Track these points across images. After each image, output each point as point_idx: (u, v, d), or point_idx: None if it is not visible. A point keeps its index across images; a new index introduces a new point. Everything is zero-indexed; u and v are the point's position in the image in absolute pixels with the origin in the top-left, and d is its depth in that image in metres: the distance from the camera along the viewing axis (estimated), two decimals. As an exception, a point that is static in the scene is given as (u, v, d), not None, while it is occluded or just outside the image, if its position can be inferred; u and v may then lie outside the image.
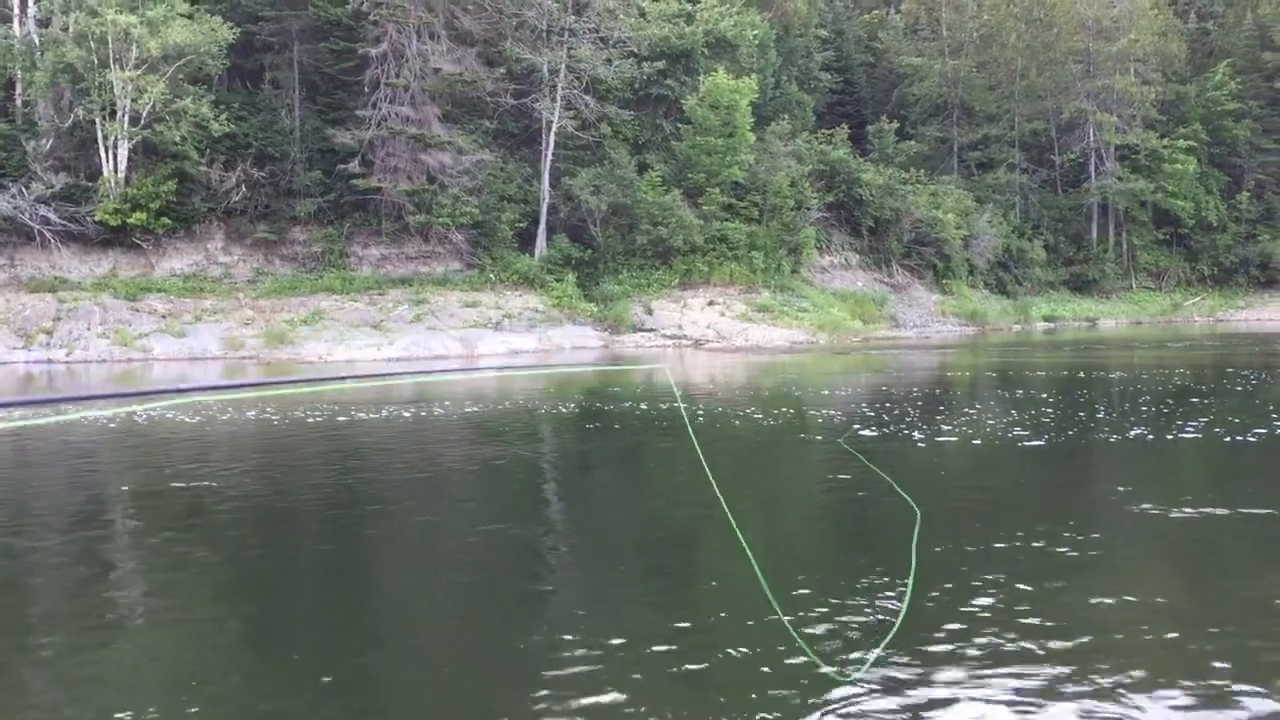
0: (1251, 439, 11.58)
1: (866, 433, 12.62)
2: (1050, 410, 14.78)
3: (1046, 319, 53.57)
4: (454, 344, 33.62)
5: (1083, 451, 11.38)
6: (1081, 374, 22.69)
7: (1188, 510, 8.02)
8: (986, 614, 5.53)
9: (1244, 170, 65.15)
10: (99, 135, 35.22)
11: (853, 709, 4.40)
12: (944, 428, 13.08)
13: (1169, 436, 11.98)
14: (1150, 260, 63.70)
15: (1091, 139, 61.23)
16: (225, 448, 13.20)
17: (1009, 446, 11.54)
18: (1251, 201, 64.48)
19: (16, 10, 37.75)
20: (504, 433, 14.34)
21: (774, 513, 8.89)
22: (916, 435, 12.39)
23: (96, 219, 35.00)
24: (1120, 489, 9.09)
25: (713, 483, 6.92)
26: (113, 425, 14.96)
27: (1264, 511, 8.04)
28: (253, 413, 15.91)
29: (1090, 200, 61.65)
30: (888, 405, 16.09)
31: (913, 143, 57.58)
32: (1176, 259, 64.31)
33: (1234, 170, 65.23)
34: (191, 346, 32.51)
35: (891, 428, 13.08)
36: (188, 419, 15.51)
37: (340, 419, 15.19)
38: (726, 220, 42.81)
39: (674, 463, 11.36)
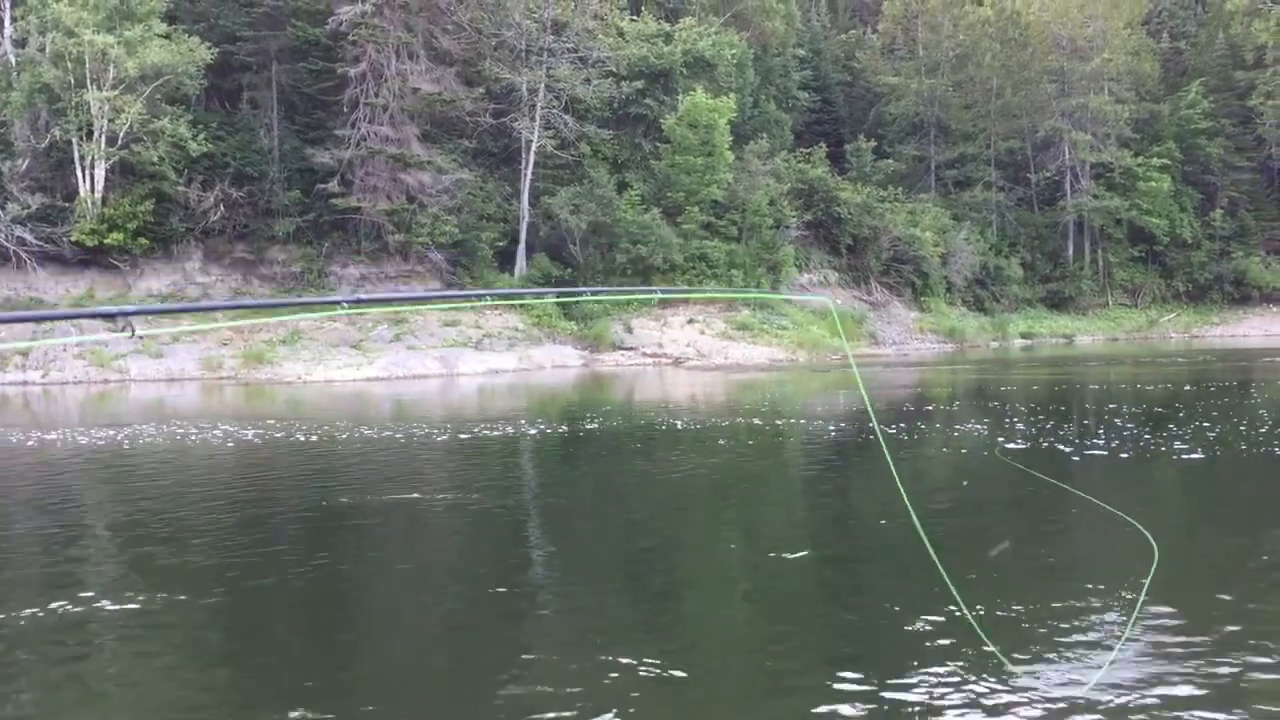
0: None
1: (1013, 445, 12.76)
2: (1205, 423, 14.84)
3: (1024, 336, 53.91)
4: (433, 363, 33.54)
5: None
6: (1176, 387, 22.83)
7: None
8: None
9: (1217, 187, 65.85)
10: (76, 155, 35.05)
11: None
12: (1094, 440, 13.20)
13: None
14: (1126, 277, 64.22)
15: (1066, 157, 61.78)
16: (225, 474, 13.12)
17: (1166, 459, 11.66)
18: (1225, 219, 65.15)
19: (-8, 30, 37.60)
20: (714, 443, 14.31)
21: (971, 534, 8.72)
22: (1063, 447, 12.50)
23: (73, 239, 34.80)
24: None
25: (911, 512, 6.52)
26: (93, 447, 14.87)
27: None
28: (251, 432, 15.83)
29: (1066, 218, 62.16)
30: (1007, 419, 16.23)
31: (890, 161, 57.96)
32: (1152, 276, 64.85)
33: (1207, 188, 65.91)
34: (169, 367, 32.31)
35: (1039, 441, 13.21)
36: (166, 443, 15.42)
37: (462, 436, 15.11)
38: (706, 239, 42.96)
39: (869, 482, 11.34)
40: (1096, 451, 12.39)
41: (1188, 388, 22.56)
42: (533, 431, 16.42)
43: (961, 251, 54.44)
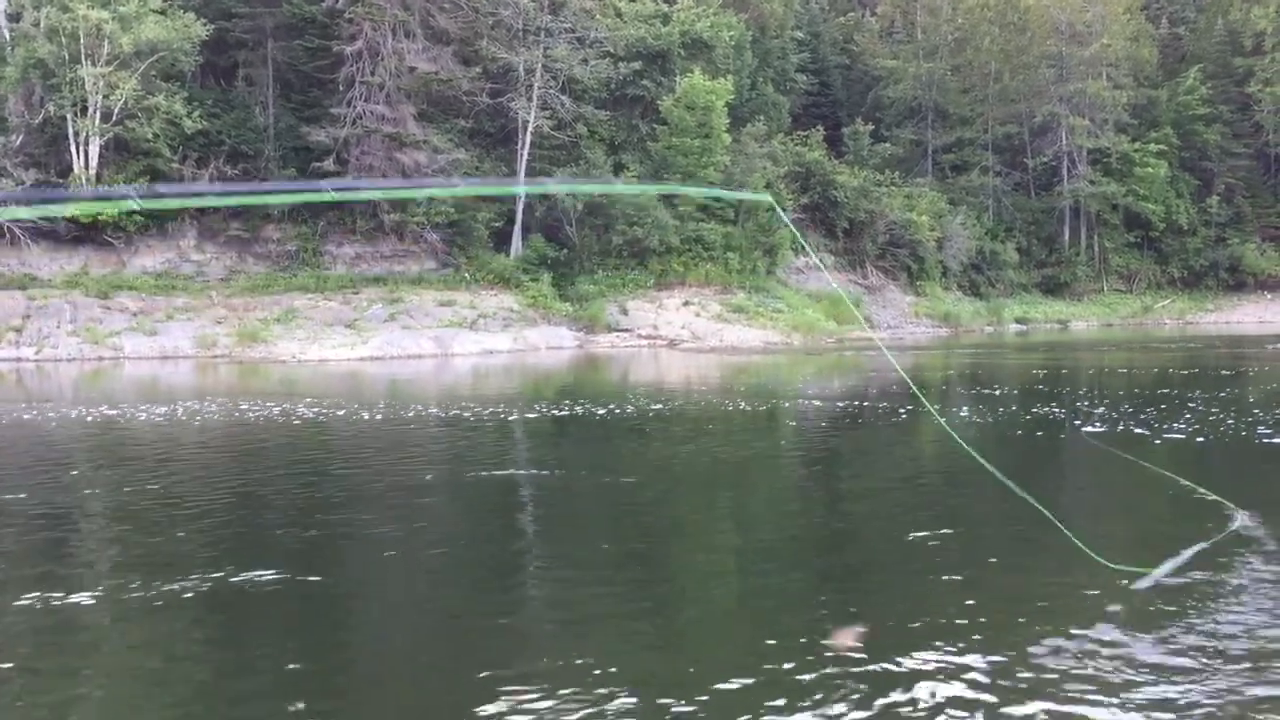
0: None
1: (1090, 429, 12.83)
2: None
3: (1018, 321, 54.00)
4: (428, 343, 33.54)
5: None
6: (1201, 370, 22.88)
7: None
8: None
9: (1214, 174, 65.87)
10: (70, 131, 34.91)
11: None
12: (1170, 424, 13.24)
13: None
14: (1121, 263, 64.30)
15: (1064, 142, 61.75)
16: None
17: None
18: (1221, 205, 65.20)
19: (-14, 5, 37.38)
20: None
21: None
22: (1141, 431, 12.58)
23: (67, 216, 34.67)
24: None
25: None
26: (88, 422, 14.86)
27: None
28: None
29: (1062, 203, 62.18)
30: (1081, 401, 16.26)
31: (887, 145, 57.91)
32: (1147, 262, 64.94)
33: (1204, 174, 65.94)
34: (163, 345, 32.27)
35: (1118, 424, 13.27)
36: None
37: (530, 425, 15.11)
38: (702, 221, 42.91)
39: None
40: (1143, 430, 12.47)
41: (1226, 372, 22.63)
42: (530, 414, 16.44)
43: (957, 236, 54.46)
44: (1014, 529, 7.60)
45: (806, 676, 4.79)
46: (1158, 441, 11.76)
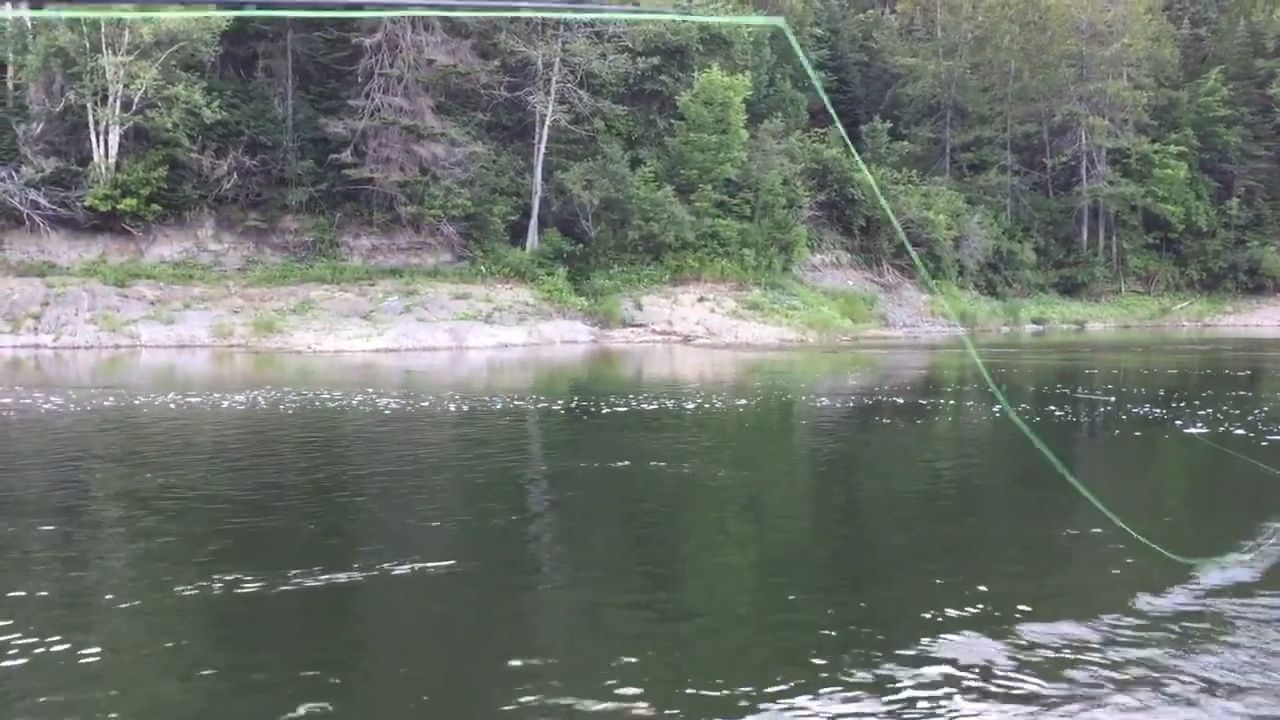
0: None
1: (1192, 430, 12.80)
2: None
3: (1035, 321, 53.71)
4: (443, 336, 33.58)
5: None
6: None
7: None
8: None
9: (1234, 176, 65.34)
10: (90, 120, 35.06)
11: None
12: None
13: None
14: (1139, 264, 63.85)
15: (1083, 142, 61.33)
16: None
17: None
18: (1241, 207, 64.68)
19: (9, -7, 37.52)
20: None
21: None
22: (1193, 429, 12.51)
23: (86, 204, 34.85)
24: None
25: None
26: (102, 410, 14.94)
27: None
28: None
29: (1081, 203, 61.76)
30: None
31: (905, 143, 57.63)
32: (1166, 263, 64.47)
33: (1224, 176, 65.42)
34: (180, 334, 32.40)
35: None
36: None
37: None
38: (718, 217, 42.81)
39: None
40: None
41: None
42: (558, 406, 16.45)
43: (974, 235, 54.18)
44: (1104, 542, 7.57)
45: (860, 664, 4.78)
46: (1264, 444, 11.70)
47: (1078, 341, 40.69)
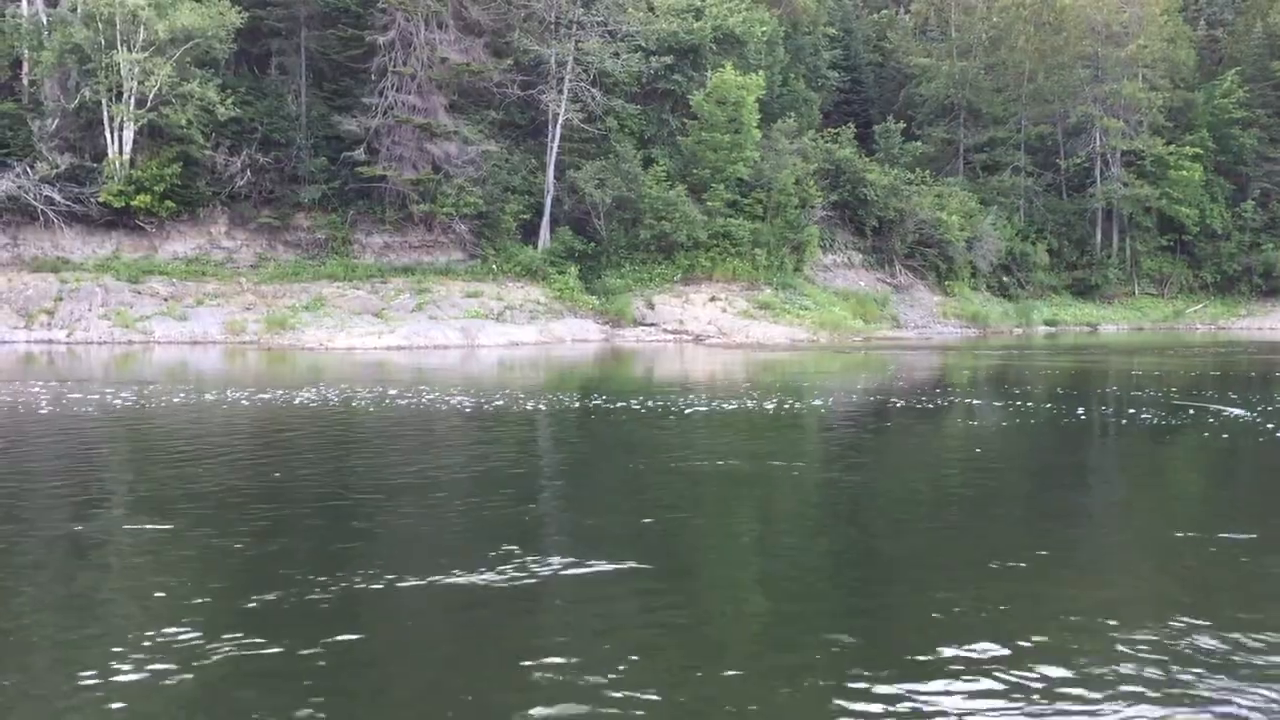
0: None
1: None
2: None
3: (1048, 323, 53.53)
4: (455, 334, 33.63)
5: None
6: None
7: None
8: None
9: (1249, 179, 64.97)
10: (105, 116, 35.21)
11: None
12: None
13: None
14: (1153, 266, 63.57)
15: (1097, 144, 61.08)
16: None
17: None
18: (1256, 210, 64.30)
19: (25, -11, 37.71)
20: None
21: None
22: None
23: (100, 200, 35.00)
24: None
25: None
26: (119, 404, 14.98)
27: None
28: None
29: (1095, 205, 61.50)
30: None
31: (919, 143, 57.47)
32: (1180, 266, 64.18)
33: (1239, 178, 65.05)
34: (193, 330, 32.52)
35: None
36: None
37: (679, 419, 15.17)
38: (730, 216, 42.78)
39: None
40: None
41: None
42: (573, 403, 16.45)
43: (988, 236, 53.99)
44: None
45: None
46: None
47: (1099, 343, 40.52)
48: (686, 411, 14.92)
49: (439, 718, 4.49)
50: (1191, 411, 15.24)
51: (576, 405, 16.26)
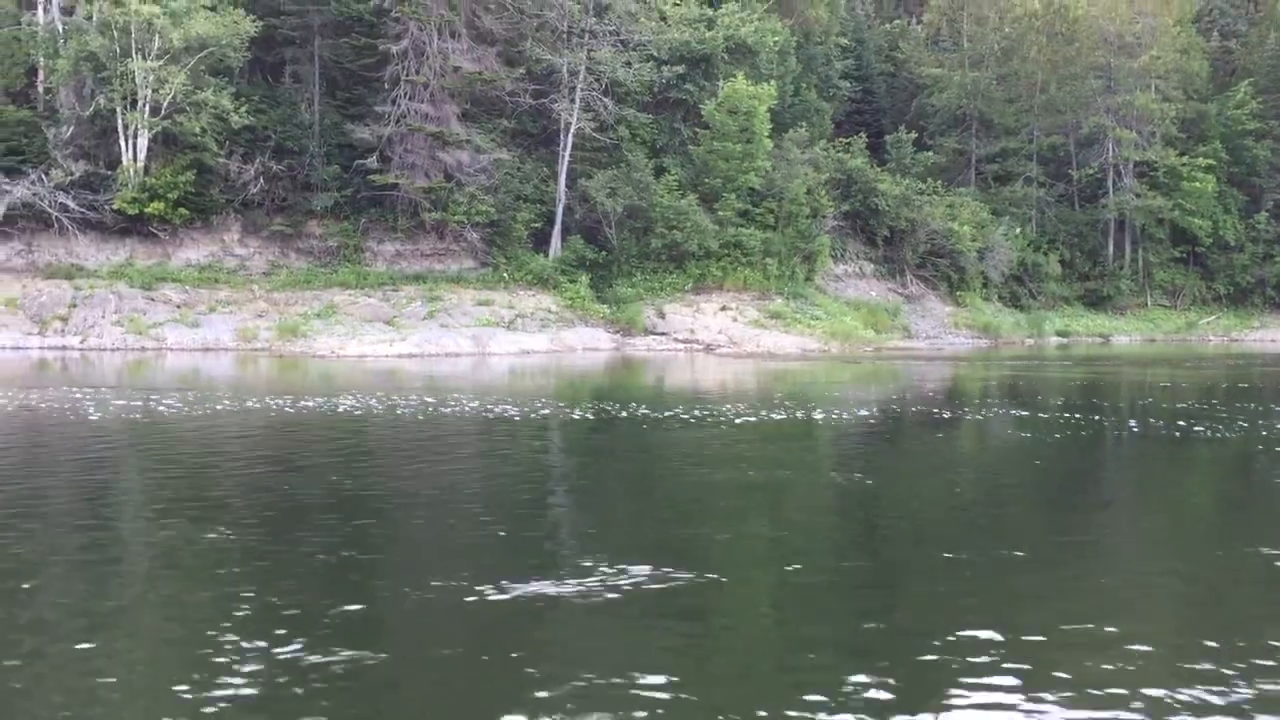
0: None
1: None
2: None
3: (1060, 334, 53.35)
4: (466, 342, 33.67)
5: None
6: None
7: None
8: None
9: (1263, 190, 64.70)
10: (119, 124, 35.40)
11: None
12: None
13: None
14: (1166, 278, 63.34)
15: (1110, 154, 60.91)
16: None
17: None
18: (1270, 222, 64.00)
19: (41, -2, 37.96)
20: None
21: None
22: None
23: (114, 207, 35.17)
24: None
25: None
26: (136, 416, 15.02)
27: None
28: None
29: (1107, 216, 61.31)
30: None
31: (930, 153, 57.37)
32: (1192, 277, 63.95)
33: (1253, 190, 64.79)
34: (205, 337, 32.63)
35: None
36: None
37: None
38: (741, 226, 42.75)
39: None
40: None
41: None
42: (581, 414, 16.44)
43: (999, 247, 53.85)
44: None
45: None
46: None
47: (1113, 354, 40.37)
48: (737, 421, 14.90)
49: None
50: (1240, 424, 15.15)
51: (635, 413, 16.09)
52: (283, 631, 5.41)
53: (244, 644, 5.21)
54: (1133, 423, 15.53)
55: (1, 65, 36.67)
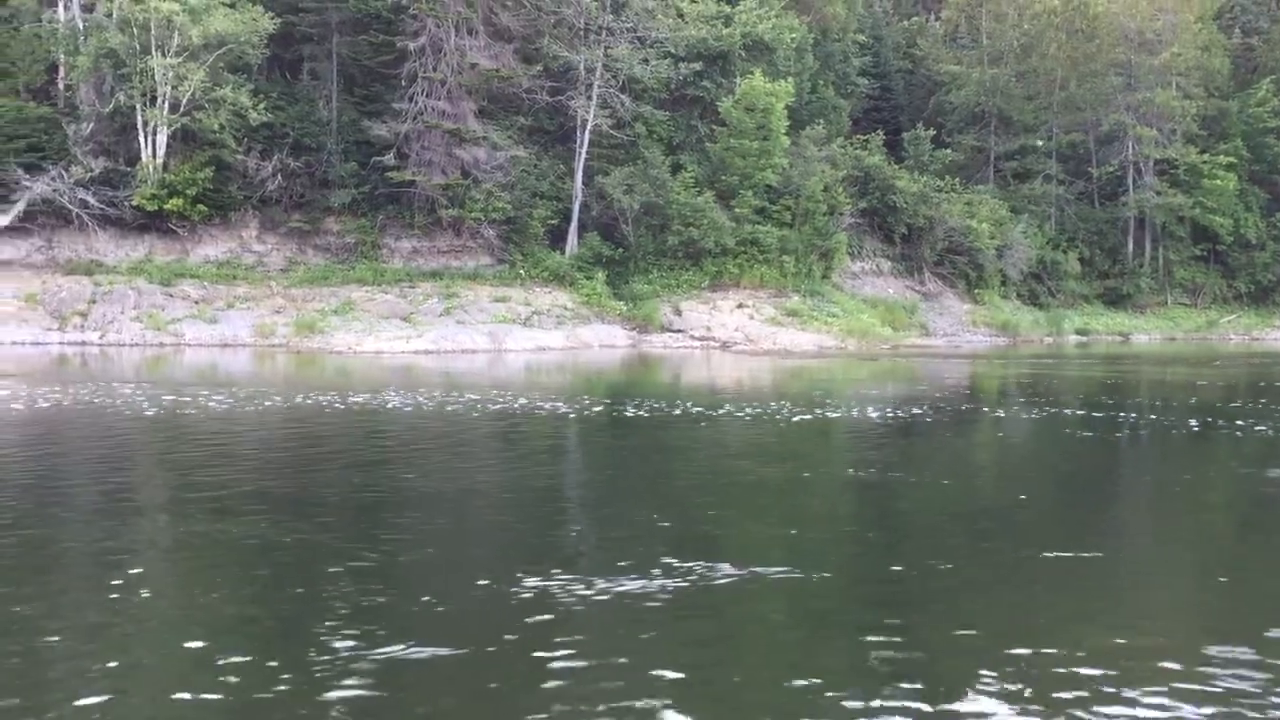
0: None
1: None
2: None
3: (1079, 332, 53.04)
4: (482, 338, 33.70)
5: None
6: None
7: None
8: None
9: (1284, 188, 64.22)
10: (139, 121, 35.57)
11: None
12: None
13: None
14: (1186, 276, 62.90)
15: (1130, 152, 60.50)
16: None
17: None
18: (1291, 220, 63.55)
19: (62, -5, 38.16)
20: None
21: None
22: None
23: (134, 204, 35.34)
24: None
25: None
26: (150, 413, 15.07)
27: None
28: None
29: (1127, 214, 60.91)
30: None
31: (948, 151, 57.10)
32: (1213, 276, 63.49)
33: (1274, 188, 64.28)
34: (223, 333, 32.75)
35: None
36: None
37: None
38: (758, 223, 42.66)
39: None
40: None
41: None
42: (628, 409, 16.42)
43: (1018, 245, 53.56)
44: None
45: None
46: None
47: (1133, 353, 40.11)
48: (794, 419, 14.84)
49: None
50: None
51: (680, 412, 16.01)
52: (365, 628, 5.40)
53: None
54: (1153, 417, 15.40)
55: (22, 62, 36.88)
